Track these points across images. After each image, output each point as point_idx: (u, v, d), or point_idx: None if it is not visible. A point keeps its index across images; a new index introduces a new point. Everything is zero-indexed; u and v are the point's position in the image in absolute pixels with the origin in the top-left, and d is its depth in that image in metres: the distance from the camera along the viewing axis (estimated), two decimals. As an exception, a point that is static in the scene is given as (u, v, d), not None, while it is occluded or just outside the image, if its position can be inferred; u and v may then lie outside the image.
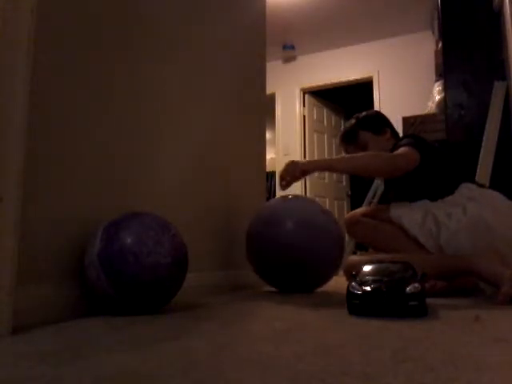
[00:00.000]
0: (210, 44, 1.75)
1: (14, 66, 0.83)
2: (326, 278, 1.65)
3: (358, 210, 1.87)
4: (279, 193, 5.14)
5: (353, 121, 1.91)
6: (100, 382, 0.50)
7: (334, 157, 1.81)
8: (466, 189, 1.61)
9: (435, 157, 1.71)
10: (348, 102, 5.82)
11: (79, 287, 1.03)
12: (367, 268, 1.07)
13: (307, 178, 5.08)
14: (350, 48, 5.05)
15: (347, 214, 1.88)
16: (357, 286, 1.01)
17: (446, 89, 3.12)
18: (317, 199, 5.04)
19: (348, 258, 1.83)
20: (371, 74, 4.92)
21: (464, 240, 1.49)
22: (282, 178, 1.61)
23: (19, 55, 0.83)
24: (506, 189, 2.67)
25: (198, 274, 1.45)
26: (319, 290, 1.68)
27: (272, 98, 5.21)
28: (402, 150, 1.66)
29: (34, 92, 0.88)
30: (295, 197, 1.71)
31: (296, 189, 4.98)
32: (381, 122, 1.88)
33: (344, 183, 5.57)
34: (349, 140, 1.87)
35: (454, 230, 1.51)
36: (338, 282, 2.09)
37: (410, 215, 1.61)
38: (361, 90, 5.29)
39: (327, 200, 5.19)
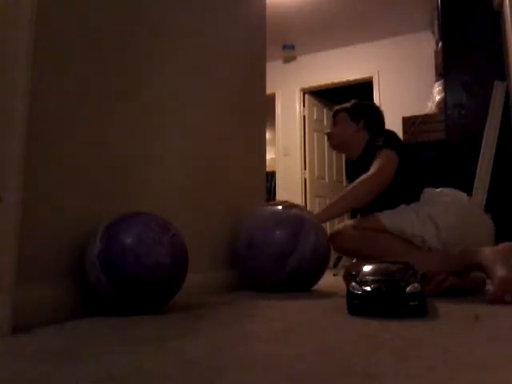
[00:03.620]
0: (210, 44, 1.75)
1: (14, 66, 0.83)
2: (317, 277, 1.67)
3: (343, 225, 1.83)
4: (279, 193, 5.14)
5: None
6: (100, 382, 0.50)
7: (328, 204, 1.81)
8: (427, 193, 1.68)
9: (408, 158, 1.76)
10: (348, 102, 5.82)
11: (79, 287, 1.03)
12: (367, 268, 1.07)
13: (307, 178, 5.08)
14: (350, 48, 5.04)
15: (332, 231, 1.82)
16: (357, 286, 1.01)
17: (445, 89, 3.12)
18: (316, 200, 5.05)
19: (348, 265, 1.83)
20: (371, 74, 4.92)
21: (462, 229, 1.51)
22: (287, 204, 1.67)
23: (19, 55, 0.84)
24: (506, 188, 2.68)
25: (197, 274, 1.45)
26: (319, 289, 1.68)
27: (272, 98, 5.21)
28: (379, 161, 1.68)
29: (33, 92, 0.88)
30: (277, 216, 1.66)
31: (296, 189, 4.98)
32: (360, 111, 1.95)
33: (344, 183, 5.57)
34: (333, 114, 2.04)
35: (452, 221, 1.54)
36: (338, 282, 2.09)
37: (406, 221, 1.61)
38: (361, 90, 5.29)
39: (327, 200, 5.18)
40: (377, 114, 1.98)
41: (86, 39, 1.13)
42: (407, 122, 3.28)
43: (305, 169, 5.15)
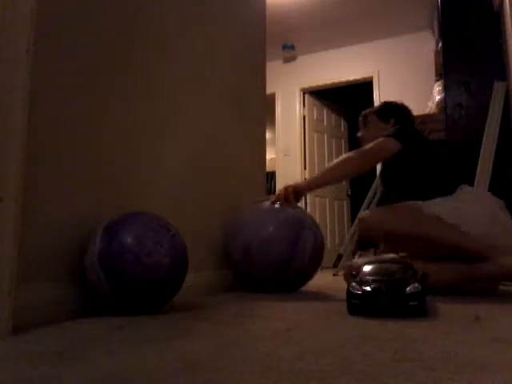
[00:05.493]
0: (210, 44, 1.75)
1: (13, 66, 0.83)
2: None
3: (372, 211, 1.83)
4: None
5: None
6: (100, 382, 0.50)
7: (316, 174, 1.87)
8: (465, 190, 1.62)
9: (426, 150, 1.73)
10: (348, 101, 5.82)
11: (79, 287, 1.03)
12: (367, 268, 1.07)
13: (307, 178, 5.07)
14: (350, 48, 5.05)
15: (363, 215, 1.78)
16: (357, 286, 1.01)
17: (445, 89, 3.12)
18: (317, 200, 5.04)
19: (348, 263, 1.81)
20: (371, 74, 4.92)
21: (490, 236, 1.48)
22: (277, 200, 1.65)
23: (19, 55, 0.83)
24: (506, 188, 2.67)
25: (197, 273, 1.45)
26: (318, 289, 1.68)
27: (272, 98, 5.21)
28: (375, 141, 1.69)
29: (34, 92, 0.88)
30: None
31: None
32: (389, 111, 1.96)
33: (344, 183, 5.57)
34: (362, 117, 2.00)
35: (482, 230, 1.49)
36: (338, 282, 2.10)
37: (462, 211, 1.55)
38: (361, 90, 5.29)
39: (327, 200, 5.19)
40: (406, 112, 1.99)
41: (86, 39, 1.13)
42: (407, 121, 3.27)
43: (305, 169, 5.15)
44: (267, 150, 2.33)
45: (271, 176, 5.56)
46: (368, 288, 0.99)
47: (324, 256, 1.69)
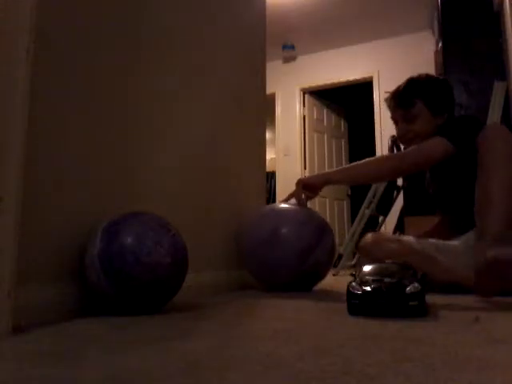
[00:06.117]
0: (210, 44, 1.75)
1: (13, 66, 0.83)
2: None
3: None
4: (279, 193, 5.14)
5: (416, 83, 1.64)
6: (100, 382, 0.50)
7: (334, 169, 1.74)
8: None
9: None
10: (348, 101, 5.82)
11: (79, 287, 1.03)
12: (367, 268, 1.07)
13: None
14: (349, 48, 5.05)
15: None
16: (357, 286, 1.01)
17: (445, 89, 3.11)
18: (317, 200, 5.04)
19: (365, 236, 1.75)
20: (371, 74, 4.92)
21: None
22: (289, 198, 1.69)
23: (19, 55, 0.83)
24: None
25: (197, 274, 1.45)
26: (319, 289, 1.68)
27: (272, 98, 5.21)
28: (426, 142, 1.49)
29: (33, 92, 0.88)
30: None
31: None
32: (445, 104, 1.62)
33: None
34: (401, 103, 1.62)
35: None
36: (338, 282, 2.10)
37: None
38: (361, 90, 5.30)
39: (327, 200, 5.19)
40: (452, 101, 1.66)
41: (85, 39, 1.13)
42: (407, 121, 3.27)
43: (305, 169, 5.16)
44: (267, 149, 2.33)
45: (271, 176, 5.56)
46: (368, 288, 0.99)
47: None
